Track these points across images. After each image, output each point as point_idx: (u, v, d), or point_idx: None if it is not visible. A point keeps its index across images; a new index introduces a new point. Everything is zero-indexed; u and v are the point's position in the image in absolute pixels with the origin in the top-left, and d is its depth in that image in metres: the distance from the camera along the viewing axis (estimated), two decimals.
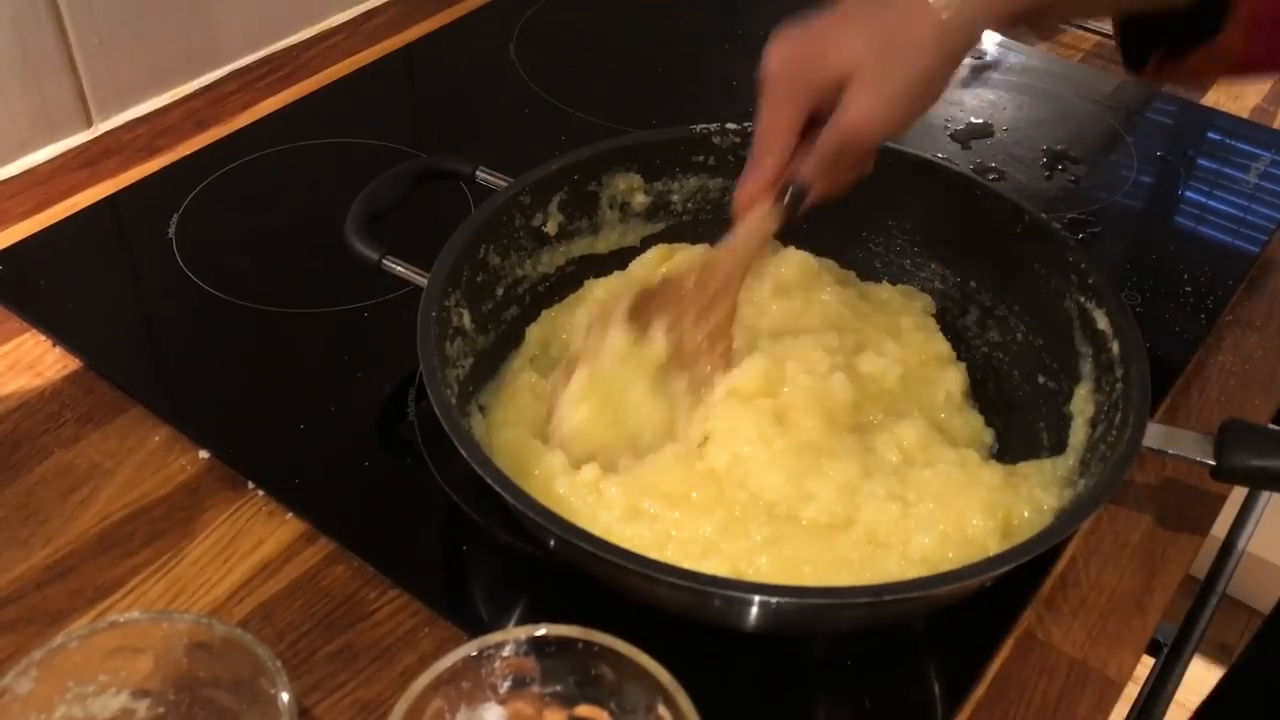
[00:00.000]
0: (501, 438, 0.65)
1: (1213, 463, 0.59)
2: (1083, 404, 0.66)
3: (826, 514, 0.59)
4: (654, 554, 0.54)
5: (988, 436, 0.69)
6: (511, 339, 0.72)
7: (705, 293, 0.65)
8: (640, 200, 0.77)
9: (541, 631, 0.49)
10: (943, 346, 0.72)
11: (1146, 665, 0.80)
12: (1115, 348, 0.63)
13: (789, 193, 0.61)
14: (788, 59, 0.59)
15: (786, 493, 0.60)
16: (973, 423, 0.69)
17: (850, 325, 0.71)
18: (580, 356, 0.65)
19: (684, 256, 0.75)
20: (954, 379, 0.70)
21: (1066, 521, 0.55)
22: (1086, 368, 0.66)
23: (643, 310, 0.65)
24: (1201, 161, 0.96)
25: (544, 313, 0.74)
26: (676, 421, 0.64)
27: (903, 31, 0.56)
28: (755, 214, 0.63)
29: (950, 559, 0.57)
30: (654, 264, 0.75)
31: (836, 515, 0.59)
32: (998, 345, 0.74)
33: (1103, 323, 0.65)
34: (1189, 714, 0.98)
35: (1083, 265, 0.67)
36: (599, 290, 0.74)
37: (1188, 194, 0.93)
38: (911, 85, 0.57)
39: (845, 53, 0.57)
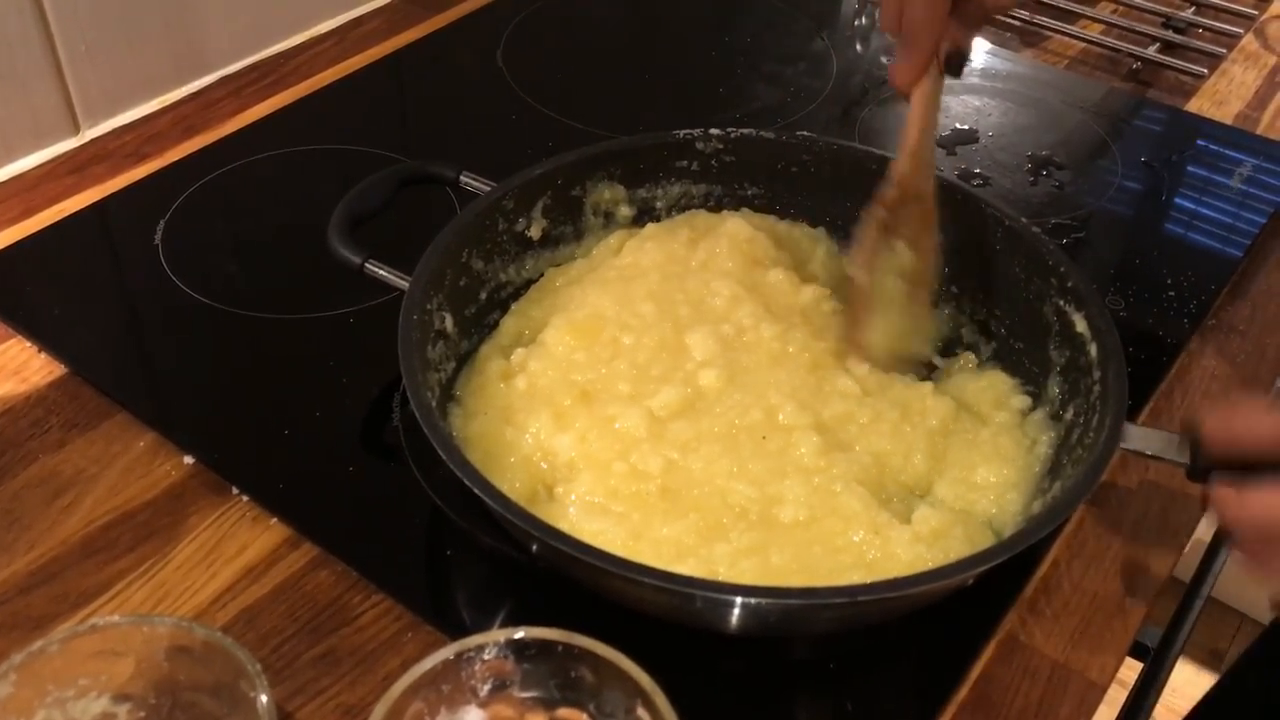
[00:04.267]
0: (473, 428, 0.65)
1: (1187, 462, 0.59)
2: (1060, 406, 0.66)
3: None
4: (625, 552, 0.54)
5: (1019, 401, 0.68)
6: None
7: (917, 185, 0.69)
8: (625, 212, 0.78)
9: (521, 634, 0.49)
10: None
11: (1135, 668, 0.80)
12: (1093, 350, 0.63)
13: (952, 60, 0.66)
14: None
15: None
16: (998, 385, 0.69)
17: None
18: (866, 294, 0.70)
19: (651, 230, 0.76)
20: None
21: (1042, 522, 0.55)
22: (1063, 371, 0.67)
23: (888, 225, 0.69)
24: (1186, 167, 0.97)
25: (514, 305, 0.74)
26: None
27: None
28: (922, 89, 0.67)
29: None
30: (615, 249, 0.76)
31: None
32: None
33: (1081, 325, 0.65)
34: (1177, 718, 0.98)
35: (1062, 269, 0.67)
36: (560, 279, 0.74)
37: (1172, 199, 0.93)
38: None
39: None
